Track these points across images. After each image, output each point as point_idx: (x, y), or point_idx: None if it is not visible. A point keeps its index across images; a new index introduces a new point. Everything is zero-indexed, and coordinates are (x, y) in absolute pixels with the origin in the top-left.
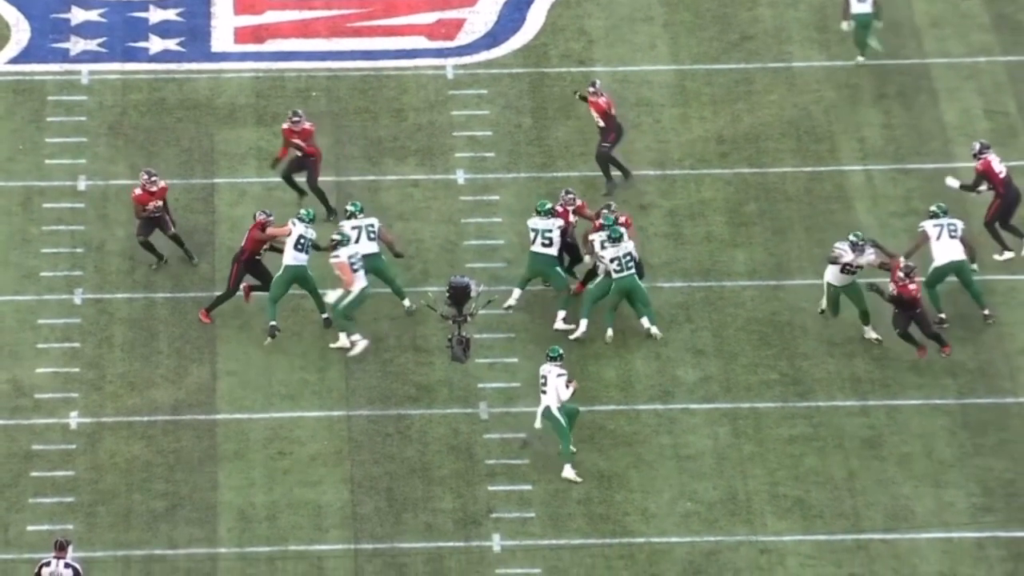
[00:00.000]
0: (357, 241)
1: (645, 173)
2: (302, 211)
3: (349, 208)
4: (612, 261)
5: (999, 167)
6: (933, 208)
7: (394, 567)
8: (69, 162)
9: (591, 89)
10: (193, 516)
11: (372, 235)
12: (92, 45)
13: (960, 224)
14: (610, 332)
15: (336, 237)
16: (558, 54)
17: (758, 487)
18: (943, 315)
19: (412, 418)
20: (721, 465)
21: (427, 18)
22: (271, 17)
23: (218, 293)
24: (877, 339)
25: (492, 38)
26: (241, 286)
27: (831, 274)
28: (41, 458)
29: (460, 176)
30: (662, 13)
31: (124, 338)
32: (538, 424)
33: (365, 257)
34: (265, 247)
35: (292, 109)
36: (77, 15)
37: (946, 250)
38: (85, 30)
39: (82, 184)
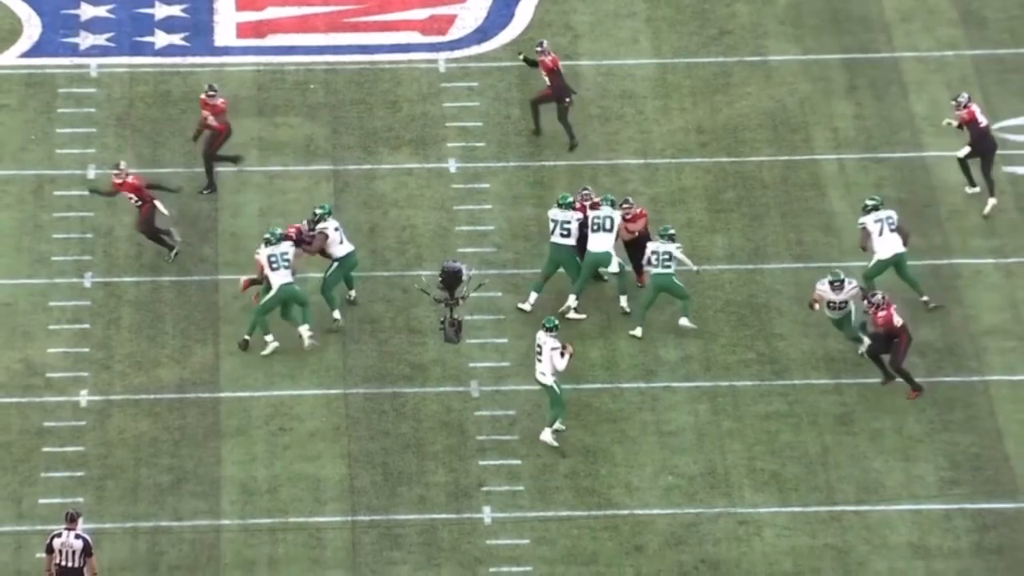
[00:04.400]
0: (341, 243)
1: (628, 162)
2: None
3: (318, 211)
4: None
5: (981, 118)
6: (870, 202)
7: (389, 538)
8: (79, 151)
9: (538, 49)
10: (197, 489)
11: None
12: (100, 40)
13: (894, 215)
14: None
15: (268, 236)
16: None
17: (736, 461)
18: (926, 298)
19: (406, 396)
20: (701, 441)
21: (420, 14)
22: (271, 13)
23: (223, 277)
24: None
25: (482, 33)
26: (242, 279)
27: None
28: (53, 434)
29: (452, 165)
30: (644, 9)
31: (131, 320)
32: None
33: (347, 255)
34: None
35: (209, 84)
36: (86, 11)
37: (888, 244)
38: (94, 25)
39: (91, 172)
